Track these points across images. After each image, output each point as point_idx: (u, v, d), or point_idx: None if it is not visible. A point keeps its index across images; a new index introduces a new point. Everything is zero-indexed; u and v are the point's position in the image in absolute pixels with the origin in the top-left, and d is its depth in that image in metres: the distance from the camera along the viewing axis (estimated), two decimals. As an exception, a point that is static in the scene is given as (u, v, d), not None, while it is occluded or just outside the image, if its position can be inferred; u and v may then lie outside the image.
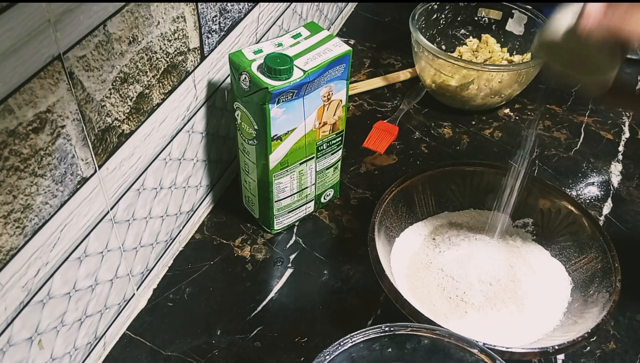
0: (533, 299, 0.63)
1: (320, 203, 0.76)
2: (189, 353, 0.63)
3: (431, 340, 0.48)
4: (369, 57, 1.01)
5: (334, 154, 0.71)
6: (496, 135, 0.89)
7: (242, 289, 0.69)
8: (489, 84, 0.85)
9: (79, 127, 0.48)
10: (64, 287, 0.53)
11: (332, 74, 0.62)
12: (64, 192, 0.49)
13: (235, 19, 0.68)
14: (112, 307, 0.61)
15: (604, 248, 0.62)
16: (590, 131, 0.90)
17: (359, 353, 0.47)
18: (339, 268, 0.71)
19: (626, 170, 0.84)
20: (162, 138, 0.61)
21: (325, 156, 0.70)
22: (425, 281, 0.64)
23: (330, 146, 0.70)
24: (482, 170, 0.70)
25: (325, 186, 0.75)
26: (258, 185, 0.69)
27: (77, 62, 0.46)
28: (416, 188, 0.69)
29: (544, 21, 0.89)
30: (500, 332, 0.60)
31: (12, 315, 0.47)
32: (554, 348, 0.54)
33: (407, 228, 0.69)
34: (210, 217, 0.76)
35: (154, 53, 0.55)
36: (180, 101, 0.62)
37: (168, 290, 0.68)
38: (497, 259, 0.66)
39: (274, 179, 0.67)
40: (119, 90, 0.52)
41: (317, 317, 0.66)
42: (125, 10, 0.50)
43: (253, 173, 0.68)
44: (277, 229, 0.74)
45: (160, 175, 0.63)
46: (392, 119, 0.89)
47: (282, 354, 0.63)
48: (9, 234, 0.44)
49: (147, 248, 0.65)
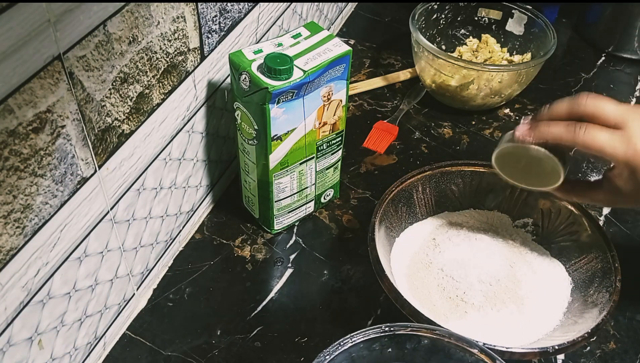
0: (533, 299, 0.63)
1: (320, 203, 0.76)
2: (189, 353, 0.63)
3: (431, 340, 0.48)
4: (369, 57, 1.01)
5: (334, 154, 0.71)
6: (496, 135, 0.89)
7: (242, 289, 0.69)
8: (489, 84, 0.85)
9: (79, 127, 0.48)
10: (64, 287, 0.53)
11: (332, 74, 0.62)
12: (64, 192, 0.49)
13: (235, 19, 0.68)
14: (112, 307, 0.62)
15: (604, 248, 0.62)
16: (590, 131, 0.90)
17: (359, 353, 0.47)
18: (339, 268, 0.71)
19: (626, 170, 0.84)
20: (162, 138, 0.61)
21: (325, 156, 0.70)
22: (425, 281, 0.64)
23: (330, 146, 0.70)
24: (482, 170, 0.70)
25: (325, 186, 0.75)
26: (258, 185, 0.69)
27: (77, 62, 0.46)
28: (416, 188, 0.69)
29: (544, 22, 0.89)
30: (500, 332, 0.60)
31: (12, 315, 0.47)
32: (554, 348, 0.54)
33: (407, 228, 0.69)
34: (210, 217, 0.76)
35: (154, 53, 0.55)
36: (180, 101, 0.62)
37: (168, 290, 0.68)
38: (497, 259, 0.66)
39: (274, 179, 0.67)
40: (119, 90, 0.52)
41: (317, 317, 0.66)
42: (125, 10, 0.50)
43: (253, 173, 0.68)
44: (277, 229, 0.74)
45: (160, 175, 0.63)
46: (392, 119, 0.89)
47: (282, 354, 0.63)
48: (9, 234, 0.44)
49: (147, 248, 0.65)
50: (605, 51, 1.04)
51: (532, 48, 0.91)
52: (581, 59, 1.03)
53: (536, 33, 0.91)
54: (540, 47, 0.89)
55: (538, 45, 0.90)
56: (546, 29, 0.88)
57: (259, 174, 0.67)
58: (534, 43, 0.91)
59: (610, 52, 1.03)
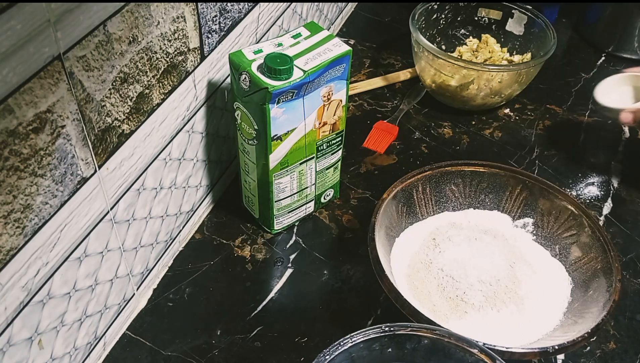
0: (533, 299, 0.63)
1: (321, 203, 0.76)
2: (189, 353, 0.63)
3: (431, 340, 0.48)
4: (369, 57, 1.01)
5: (334, 154, 0.71)
6: (496, 135, 0.89)
7: (242, 289, 0.69)
8: (489, 84, 0.85)
9: (79, 127, 0.48)
10: (64, 287, 0.53)
11: (332, 74, 0.62)
12: (64, 192, 0.49)
13: (235, 19, 0.68)
14: (112, 307, 0.61)
15: (604, 248, 0.62)
16: (590, 131, 0.90)
17: (359, 353, 0.47)
18: (339, 268, 0.71)
19: (626, 170, 0.84)
20: (162, 138, 0.61)
21: (325, 156, 0.70)
22: (425, 281, 0.64)
23: (330, 146, 0.70)
24: (482, 170, 0.70)
25: (325, 186, 0.75)
26: (258, 185, 0.69)
27: (77, 62, 0.46)
28: (416, 188, 0.69)
29: (544, 22, 0.89)
30: (500, 332, 0.60)
31: (12, 315, 0.47)
32: (554, 348, 0.54)
33: (407, 228, 0.69)
34: (210, 217, 0.76)
35: (154, 53, 0.55)
36: (180, 101, 0.62)
37: (168, 290, 0.68)
38: (497, 259, 0.66)
39: (274, 179, 0.67)
40: (119, 90, 0.52)
41: (317, 317, 0.66)
42: (125, 10, 0.50)
43: (253, 173, 0.68)
44: (277, 229, 0.74)
45: (160, 175, 0.63)
46: (392, 119, 0.89)
47: (282, 354, 0.63)
48: (9, 234, 0.44)
49: (147, 248, 0.65)
50: (605, 51, 1.04)
51: (532, 48, 0.91)
52: (581, 59, 1.03)
53: (536, 33, 0.91)
54: (540, 47, 0.89)
55: (538, 45, 0.90)
56: (546, 29, 0.89)
57: (259, 174, 0.67)
58: (534, 43, 0.91)
59: (610, 52, 1.04)
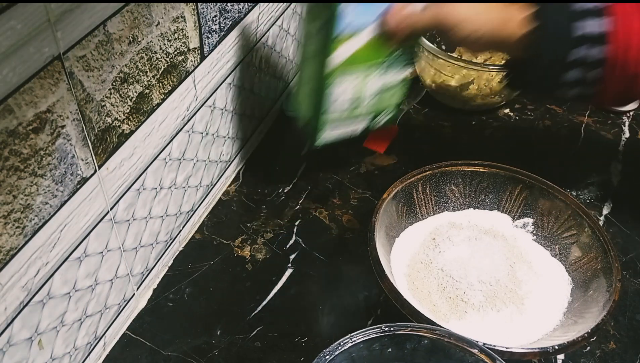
0: (533, 299, 0.63)
1: (373, 124, 0.70)
2: (189, 353, 0.63)
3: (431, 340, 0.48)
4: (369, 57, 1.01)
5: (400, 70, 0.66)
6: (496, 135, 0.89)
7: (242, 289, 0.69)
8: (489, 84, 0.85)
9: (79, 127, 0.48)
10: (64, 287, 0.53)
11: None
12: (64, 192, 0.49)
13: (235, 19, 0.68)
14: (112, 307, 0.61)
15: (604, 248, 0.62)
16: (590, 131, 0.90)
17: (359, 353, 0.47)
18: (338, 268, 0.71)
19: (626, 170, 0.84)
20: (162, 138, 0.61)
21: (391, 68, 0.65)
22: (425, 281, 0.64)
23: (399, 59, 0.65)
24: (482, 170, 0.70)
25: (382, 105, 0.69)
26: (314, 88, 0.64)
27: (77, 62, 0.46)
28: (416, 188, 0.69)
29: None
30: (500, 332, 0.60)
31: (12, 315, 0.47)
32: (554, 348, 0.54)
33: (407, 228, 0.69)
34: (210, 217, 0.76)
35: (154, 53, 0.55)
36: (180, 101, 0.62)
37: (168, 290, 0.68)
38: (497, 259, 0.66)
39: (333, 83, 0.62)
40: (119, 90, 0.52)
41: (317, 317, 0.66)
42: (125, 10, 0.50)
43: (310, 74, 0.63)
44: (321, 142, 0.68)
45: (160, 175, 0.63)
46: (392, 119, 0.89)
47: (282, 354, 0.63)
48: (9, 234, 0.44)
49: (147, 248, 0.65)
50: (605, 51, 1.04)
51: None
52: (581, 59, 1.03)
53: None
54: (540, 47, 0.89)
55: (538, 45, 0.90)
56: (546, 29, 0.88)
57: (318, 74, 0.62)
58: (534, 43, 0.91)
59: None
